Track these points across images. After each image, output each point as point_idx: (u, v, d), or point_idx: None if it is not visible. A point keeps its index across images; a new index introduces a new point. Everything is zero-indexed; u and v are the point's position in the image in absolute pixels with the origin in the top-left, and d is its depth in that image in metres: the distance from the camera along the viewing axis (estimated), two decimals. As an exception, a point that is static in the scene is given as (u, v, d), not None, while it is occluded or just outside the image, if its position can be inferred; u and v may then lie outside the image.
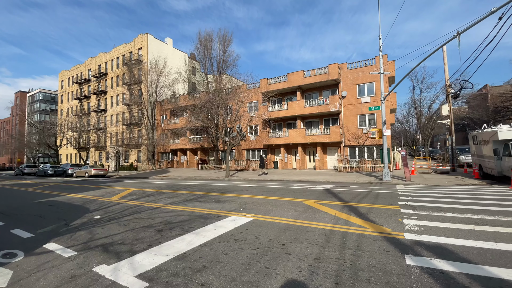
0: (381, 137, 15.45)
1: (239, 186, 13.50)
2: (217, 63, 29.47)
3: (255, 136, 30.25)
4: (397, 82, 12.36)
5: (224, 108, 23.64)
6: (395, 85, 12.96)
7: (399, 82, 12.50)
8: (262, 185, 14.14)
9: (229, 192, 11.19)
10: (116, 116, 45.18)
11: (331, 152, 26.23)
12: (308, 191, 10.85)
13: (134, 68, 41.66)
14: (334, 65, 24.07)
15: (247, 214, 6.54)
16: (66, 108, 57.24)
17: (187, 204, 8.40)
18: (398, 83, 12.65)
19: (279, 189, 11.77)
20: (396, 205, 7.35)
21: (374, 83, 23.61)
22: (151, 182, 18.66)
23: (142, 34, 42.04)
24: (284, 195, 9.80)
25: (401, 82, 12.89)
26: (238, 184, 15.19)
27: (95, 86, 49.42)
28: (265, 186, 13.15)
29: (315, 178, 17.13)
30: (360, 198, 8.62)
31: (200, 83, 30.47)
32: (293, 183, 14.77)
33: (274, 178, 18.61)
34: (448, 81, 19.14)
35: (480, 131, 15.43)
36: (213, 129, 22.49)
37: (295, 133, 25.74)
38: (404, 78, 11.66)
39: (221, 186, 13.80)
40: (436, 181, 14.06)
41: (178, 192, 11.82)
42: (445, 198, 8.42)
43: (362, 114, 24.10)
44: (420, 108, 32.97)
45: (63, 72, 59.39)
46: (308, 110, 25.21)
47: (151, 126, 36.15)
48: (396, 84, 12.54)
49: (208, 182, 17.20)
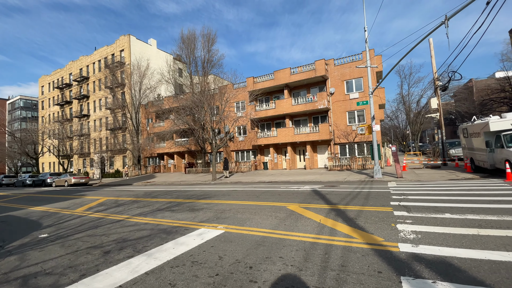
0: (371, 133, 14.83)
1: (222, 191, 12.59)
2: (201, 62, 28.50)
3: (243, 137, 29.37)
4: (387, 72, 11.72)
5: (210, 109, 22.66)
6: (385, 76, 12.33)
7: (389, 72, 11.87)
8: (247, 188, 13.27)
9: (209, 197, 10.27)
10: (99, 121, 43.50)
11: (321, 151, 25.60)
12: (294, 193, 10.04)
13: (116, 70, 40.13)
14: (321, 61, 23.48)
15: (219, 226, 5.65)
16: (47, 114, 55.00)
17: (156, 214, 7.45)
18: (387, 74, 12.02)
19: (264, 192, 10.92)
20: (388, 206, 6.61)
21: (362, 78, 23.11)
22: (132, 190, 17.52)
23: (124, 35, 40.62)
24: (268, 199, 8.96)
25: (389, 73, 12.28)
26: (223, 188, 14.28)
27: (76, 90, 47.59)
28: (250, 190, 12.28)
29: (304, 178, 16.37)
30: (350, 200, 7.86)
31: (187, 85, 29.42)
32: (281, 185, 13.96)
33: (262, 179, 17.76)
34: (436, 73, 18.76)
35: (471, 124, 15.01)
36: (199, 131, 21.53)
37: (283, 132, 25.00)
38: (393, 67, 11.04)
39: (203, 191, 12.86)
40: (428, 177, 13.50)
41: (153, 200, 10.82)
42: (440, 195, 7.75)
43: (351, 110, 23.57)
44: (408, 103, 32.84)
45: (43, 77, 57.13)
46: (296, 108, 24.52)
47: (135, 130, 34.80)
48: (385, 75, 11.92)
49: (191, 187, 16.20)
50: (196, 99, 22.62)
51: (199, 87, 25.63)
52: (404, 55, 9.23)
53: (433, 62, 18.97)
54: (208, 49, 28.80)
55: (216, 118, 23.47)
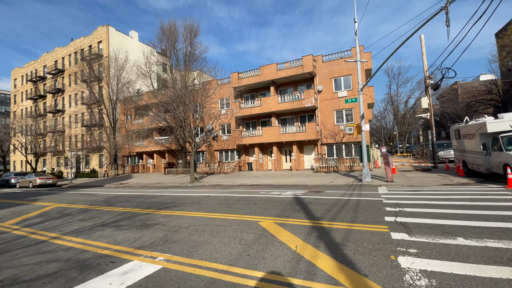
0: (359, 133, 13.68)
1: (193, 197, 11.06)
2: (183, 56, 26.65)
3: (227, 136, 27.83)
4: (384, 61, 10.53)
5: (190, 106, 20.94)
6: (377, 69, 11.15)
7: (382, 64, 10.70)
8: (224, 193, 11.80)
9: (172, 207, 8.73)
10: (75, 116, 40.71)
11: (308, 151, 24.44)
12: (273, 201, 8.66)
13: (93, 63, 37.57)
14: (308, 57, 22.26)
15: (159, 256, 4.16)
16: (19, 109, 51.37)
17: (94, 233, 5.86)
18: (383, 64, 10.83)
19: (240, 199, 9.48)
20: (383, 223, 5.32)
21: (350, 76, 22.08)
22: (96, 193, 15.65)
23: (102, 26, 38.08)
24: (240, 209, 7.53)
25: (381, 66, 11.13)
26: (196, 192, 12.74)
27: (51, 84, 44.48)
28: (225, 196, 10.82)
29: (289, 181, 15.07)
30: (336, 212, 6.55)
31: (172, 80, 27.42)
32: (262, 189, 12.57)
33: (243, 182, 16.32)
34: (427, 72, 17.90)
35: (464, 124, 14.14)
36: (178, 129, 19.83)
37: (269, 132, 23.65)
38: (392, 54, 9.84)
39: (171, 198, 11.28)
40: (420, 181, 12.48)
41: (107, 209, 9.16)
42: (441, 207, 6.57)
43: (339, 109, 22.50)
44: (397, 103, 32.27)
45: (16, 69, 53.34)
46: (282, 106, 23.22)
47: (112, 127, 32.52)
48: (378, 68, 10.74)
49: (163, 191, 14.55)
50: (173, 94, 20.87)
51: (179, 82, 23.87)
52: (403, 42, 8.04)
53: (424, 60, 18.11)
54: (191, 42, 26.97)
55: (197, 116, 21.84)
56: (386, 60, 10.54)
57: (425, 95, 18.38)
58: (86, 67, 38.04)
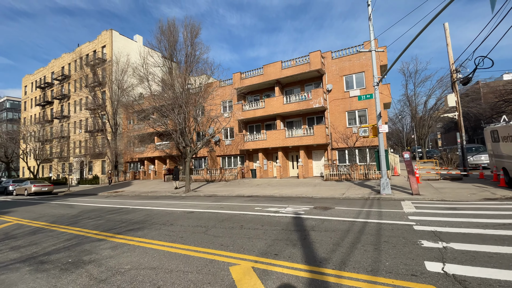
0: (376, 136, 11.53)
1: (174, 213, 9.26)
2: (183, 57, 25.30)
3: (230, 141, 26.08)
4: (402, 51, 8.46)
5: (186, 108, 19.33)
6: (397, 58, 9.01)
7: (405, 49, 8.58)
8: (212, 207, 9.94)
9: (138, 229, 6.93)
10: (79, 122, 40.28)
11: (317, 157, 22.26)
12: (266, 224, 6.70)
13: (97, 68, 37.07)
14: (316, 53, 20.28)
15: None
16: (29, 115, 51.91)
17: None
18: (403, 52, 8.71)
19: (226, 219, 7.58)
20: (425, 277, 3.28)
21: (363, 73, 19.91)
22: (77, 205, 14.13)
23: (106, 30, 37.65)
24: (217, 237, 5.63)
25: (404, 52, 9.01)
26: (182, 206, 10.95)
27: (57, 90, 44.48)
28: (210, 213, 8.94)
29: (293, 192, 13.02)
30: (348, 248, 4.52)
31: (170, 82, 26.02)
32: (260, 202, 10.61)
33: (242, 192, 14.41)
34: (453, 65, 15.53)
35: (504, 124, 11.72)
36: (176, 134, 18.11)
37: (274, 135, 21.70)
38: (416, 38, 7.75)
39: (148, 214, 9.52)
40: (453, 194, 10.16)
41: (63, 229, 7.47)
42: (504, 240, 4.41)
43: (351, 110, 20.30)
44: (415, 104, 29.56)
45: (27, 76, 54.19)
46: (288, 107, 21.26)
47: (113, 132, 31.51)
48: (399, 55, 8.62)
49: (147, 203, 12.84)
50: (170, 97, 19.38)
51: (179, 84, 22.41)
52: (426, 25, 5.99)
53: (449, 51, 15.77)
54: (191, 42, 25.66)
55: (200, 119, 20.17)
56: (409, 46, 8.45)
57: (452, 92, 15.95)
58: (90, 72, 37.61)
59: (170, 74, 25.46)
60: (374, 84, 11.26)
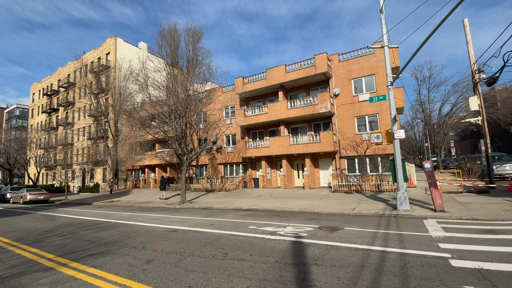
0: (391, 142, 10.11)
1: (154, 231, 8.01)
2: (186, 62, 24.55)
3: (232, 148, 24.90)
4: (423, 42, 7.16)
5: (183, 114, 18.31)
6: (419, 48, 7.68)
7: (425, 40, 7.28)
8: (200, 225, 8.65)
9: (100, 254, 5.69)
10: (83, 129, 39.99)
11: (324, 166, 20.78)
12: (257, 251, 5.37)
13: (101, 75, 36.94)
14: (322, 55, 19.11)
15: None
16: (36, 123, 52.31)
17: None
18: (423, 43, 7.41)
19: (210, 242, 6.28)
20: None
21: (373, 76, 18.56)
22: (60, 216, 13.05)
23: (110, 38, 37.67)
24: (188, 272, 4.33)
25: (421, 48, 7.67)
26: (169, 222, 9.70)
27: (63, 97, 44.62)
28: (195, 232, 7.66)
29: (297, 206, 11.61)
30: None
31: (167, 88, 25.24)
32: (257, 218, 9.27)
33: (239, 205, 13.08)
34: (474, 64, 14.04)
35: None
36: (173, 141, 16.96)
37: (277, 142, 20.40)
38: (431, 34, 6.47)
39: (125, 232, 8.30)
40: (484, 210, 8.58)
41: (18, 251, 6.30)
42: None
43: (360, 116, 18.88)
44: (428, 110, 27.83)
45: (35, 84, 54.99)
46: (292, 112, 20.00)
47: (113, 139, 30.85)
48: (419, 46, 7.29)
49: (133, 217, 11.64)
50: (169, 103, 18.44)
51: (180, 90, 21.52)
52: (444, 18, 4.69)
53: (469, 49, 14.32)
54: (194, 47, 24.94)
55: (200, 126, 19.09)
56: (427, 39, 7.13)
57: (474, 95, 14.41)
58: (94, 79, 37.49)
59: (170, 80, 24.70)
60: (388, 83, 9.92)
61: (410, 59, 8.63)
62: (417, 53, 8.13)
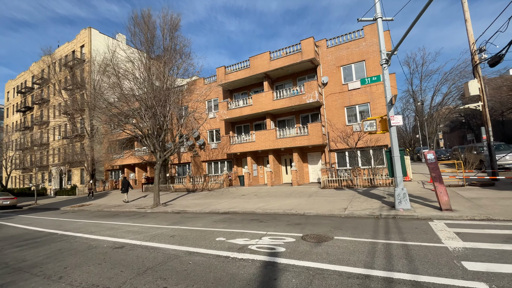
0: (386, 131, 8.69)
1: (99, 246, 6.37)
2: (164, 50, 22.49)
3: (216, 144, 23.22)
4: (422, 9, 5.68)
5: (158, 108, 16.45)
6: (415, 21, 6.23)
7: (424, 9, 5.80)
8: (157, 237, 7.04)
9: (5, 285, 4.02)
10: (58, 128, 37.40)
11: (313, 160, 19.39)
12: (211, 282, 3.80)
13: (75, 69, 34.39)
14: (308, 40, 17.56)
15: None
16: (11, 123, 49.06)
17: None
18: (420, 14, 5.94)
19: (157, 265, 4.69)
20: None
21: (364, 62, 17.17)
22: (12, 226, 11.13)
23: (84, 29, 35.06)
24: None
25: (421, 15, 6.20)
26: (125, 233, 8.06)
27: (37, 94, 41.71)
28: (146, 249, 6.06)
29: (281, 206, 10.10)
30: None
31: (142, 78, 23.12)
32: (231, 225, 7.72)
33: (218, 207, 11.50)
34: (474, 44, 12.78)
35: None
36: (145, 137, 15.05)
37: (263, 136, 18.84)
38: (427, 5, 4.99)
39: (64, 246, 6.63)
40: (498, 208, 7.26)
41: None
42: None
43: (350, 105, 17.50)
44: (420, 100, 26.82)
45: (9, 82, 51.50)
46: (278, 103, 18.44)
47: (89, 138, 28.64)
48: (420, 13, 5.80)
49: (93, 224, 9.89)
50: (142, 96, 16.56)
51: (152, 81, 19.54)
52: None
53: (468, 28, 13.03)
54: (171, 37, 22.97)
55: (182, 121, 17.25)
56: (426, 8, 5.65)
57: (473, 78, 13.18)
58: (68, 74, 34.91)
59: (138, 68, 22.63)
60: (382, 61, 8.45)
61: (409, 28, 7.17)
62: (413, 28, 6.65)
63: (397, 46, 8.17)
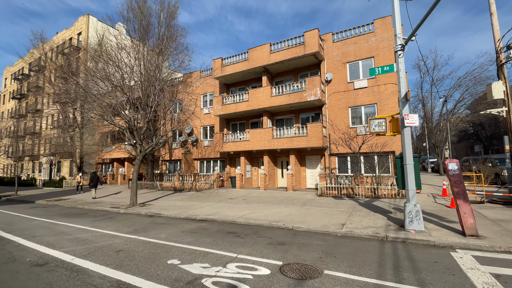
0: (398, 132, 7.15)
1: (21, 253, 4.89)
2: (158, 39, 21.09)
3: (209, 141, 21.74)
4: None
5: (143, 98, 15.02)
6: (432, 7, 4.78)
7: None
8: (98, 253, 5.56)
9: None
10: (52, 117, 36.23)
11: (312, 164, 17.82)
12: None
13: (72, 57, 33.17)
14: (313, 32, 16.03)
15: None
16: (6, 110, 48.11)
17: None
18: None
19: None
20: None
21: (373, 59, 15.59)
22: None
23: (83, 16, 33.85)
24: None
25: None
26: (71, 241, 6.60)
27: (32, 82, 40.63)
28: (64, 271, 4.54)
29: (267, 216, 8.57)
30: None
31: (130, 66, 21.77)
32: (200, 240, 6.22)
33: (197, 213, 10.01)
34: (499, 41, 11.16)
35: None
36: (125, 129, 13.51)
37: (258, 135, 17.33)
38: None
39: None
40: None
41: None
42: None
43: (355, 106, 15.93)
44: (430, 105, 25.15)
45: (8, 68, 50.60)
46: (276, 100, 16.91)
47: (79, 128, 27.35)
48: None
49: (48, 225, 8.44)
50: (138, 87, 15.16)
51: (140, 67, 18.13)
52: None
53: (493, 22, 11.39)
54: (168, 25, 21.66)
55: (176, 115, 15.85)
56: None
57: (498, 80, 11.58)
58: (64, 61, 33.70)
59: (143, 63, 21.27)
60: (397, 47, 6.91)
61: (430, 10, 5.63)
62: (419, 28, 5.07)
63: (416, 29, 6.61)
